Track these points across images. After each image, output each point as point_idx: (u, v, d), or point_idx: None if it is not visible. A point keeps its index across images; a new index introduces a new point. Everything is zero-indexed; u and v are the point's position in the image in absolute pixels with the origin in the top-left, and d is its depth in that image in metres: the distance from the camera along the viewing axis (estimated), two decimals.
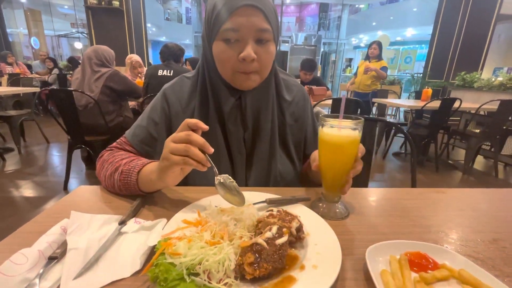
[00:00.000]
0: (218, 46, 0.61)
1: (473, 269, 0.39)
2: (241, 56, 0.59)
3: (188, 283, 0.34)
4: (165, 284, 0.33)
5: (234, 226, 0.46)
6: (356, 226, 0.54)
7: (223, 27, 0.58)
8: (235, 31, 0.58)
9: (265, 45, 0.62)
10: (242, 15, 0.58)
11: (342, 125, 0.52)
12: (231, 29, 0.58)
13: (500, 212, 0.63)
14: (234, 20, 0.58)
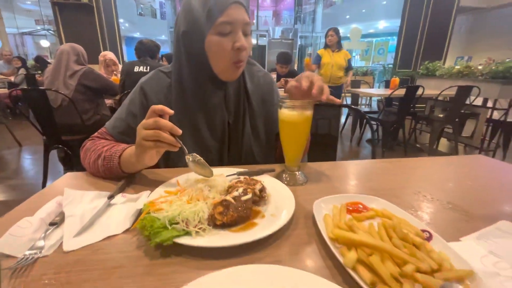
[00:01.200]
0: (214, 39, 0.67)
1: (392, 208, 0.52)
2: (237, 45, 0.68)
3: (170, 229, 0.43)
4: (151, 231, 0.42)
5: (208, 191, 0.55)
6: (313, 189, 0.65)
7: (218, 21, 0.65)
8: (230, 24, 0.66)
9: (248, 37, 0.71)
10: (234, 10, 0.66)
11: (296, 106, 0.62)
12: (227, 22, 0.66)
13: (427, 173, 0.77)
14: (229, 14, 0.66)
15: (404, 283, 0.34)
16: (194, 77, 0.75)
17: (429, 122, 3.55)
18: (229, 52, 0.68)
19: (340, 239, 0.42)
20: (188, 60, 0.73)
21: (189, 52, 0.72)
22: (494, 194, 0.64)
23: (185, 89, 0.76)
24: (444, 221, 0.52)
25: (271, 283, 0.34)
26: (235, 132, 0.81)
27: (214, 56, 0.70)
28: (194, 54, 0.71)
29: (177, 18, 0.74)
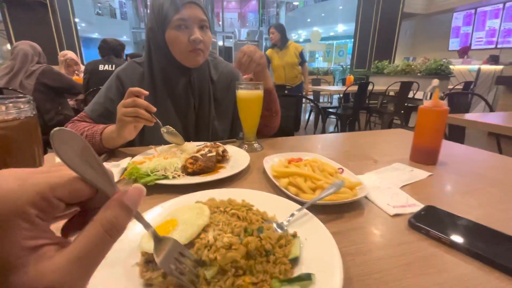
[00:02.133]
0: (172, 33, 0.82)
1: (321, 158, 0.70)
2: (192, 38, 0.82)
3: (151, 176, 0.56)
4: (137, 175, 0.55)
5: (181, 154, 0.69)
6: (266, 154, 0.82)
7: (175, 18, 0.80)
8: (184, 20, 0.81)
9: (205, 31, 0.86)
10: (187, 9, 0.81)
11: (248, 86, 0.78)
12: (181, 19, 0.81)
13: (358, 141, 0.99)
14: (184, 13, 0.81)
15: (316, 191, 0.51)
16: (161, 66, 0.88)
17: (380, 115, 3.98)
18: (186, 43, 0.82)
19: (279, 173, 0.58)
20: (155, 52, 0.87)
21: (155, 45, 0.86)
22: (399, 151, 0.86)
23: (155, 78, 0.89)
24: (358, 165, 0.72)
25: (233, 197, 0.49)
26: (202, 115, 0.95)
27: (174, 47, 0.84)
28: (159, 46, 0.85)
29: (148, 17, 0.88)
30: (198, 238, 0.31)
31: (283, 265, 0.31)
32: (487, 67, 5.67)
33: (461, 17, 7.32)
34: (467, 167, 0.70)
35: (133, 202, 0.21)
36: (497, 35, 6.68)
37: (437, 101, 0.69)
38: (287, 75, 3.57)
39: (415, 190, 0.57)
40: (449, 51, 7.60)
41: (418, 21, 8.27)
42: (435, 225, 0.42)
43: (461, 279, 0.33)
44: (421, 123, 0.72)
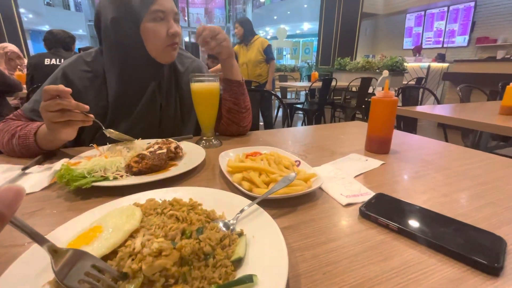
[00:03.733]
0: (149, 26, 0.73)
1: (279, 151, 0.68)
2: (172, 31, 0.75)
3: (89, 178, 0.50)
4: (70, 177, 0.48)
5: (127, 152, 0.62)
6: (225, 149, 0.78)
7: (152, 9, 0.71)
8: (163, 12, 0.73)
9: (178, 25, 0.79)
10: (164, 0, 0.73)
11: (202, 79, 0.74)
12: (160, 11, 0.73)
13: (316, 134, 1.00)
14: (161, 4, 0.72)
15: (270, 184, 0.49)
16: (130, 64, 0.77)
17: (343, 110, 4.16)
18: (164, 37, 0.75)
19: (234, 169, 0.55)
20: (122, 46, 0.76)
21: (122, 39, 0.75)
22: (355, 141, 0.89)
23: (122, 76, 0.78)
24: (315, 157, 0.72)
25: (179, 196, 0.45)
26: (166, 114, 0.87)
27: (150, 41, 0.75)
28: (129, 40, 0.75)
29: (100, 6, 0.76)
30: (123, 246, 0.27)
31: (224, 268, 0.28)
32: (435, 64, 6.22)
33: (413, 18, 7.92)
34: (416, 155, 0.74)
35: (5, 206, 0.16)
36: (443, 35, 7.35)
37: (387, 92, 0.71)
38: (250, 72, 3.45)
39: (368, 179, 0.58)
40: (403, 49, 8.18)
41: (376, 21, 8.78)
42: (383, 213, 0.42)
43: (406, 264, 0.33)
44: (373, 114, 0.74)
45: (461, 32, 6.93)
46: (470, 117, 1.30)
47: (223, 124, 0.91)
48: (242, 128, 0.91)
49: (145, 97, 0.82)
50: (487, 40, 6.43)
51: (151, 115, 0.85)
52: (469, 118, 1.26)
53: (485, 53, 6.38)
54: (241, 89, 0.87)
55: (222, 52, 0.80)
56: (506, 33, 6.18)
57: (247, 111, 0.90)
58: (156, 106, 0.85)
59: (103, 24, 0.76)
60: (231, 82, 0.86)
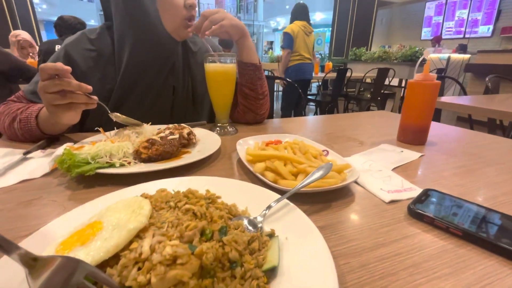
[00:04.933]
0: None
1: (303, 139, 0.61)
2: (189, 2, 0.69)
3: (93, 164, 0.44)
4: (71, 163, 0.42)
5: (136, 137, 0.57)
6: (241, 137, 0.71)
7: None
8: None
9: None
10: None
11: (217, 59, 0.67)
12: None
13: (340, 123, 0.92)
14: None
15: (298, 176, 0.42)
16: (145, 39, 0.70)
17: (358, 102, 4.01)
18: (182, 9, 0.68)
19: (254, 158, 0.49)
20: (137, 21, 0.68)
21: (135, 12, 0.67)
22: (384, 131, 0.80)
23: (134, 54, 0.70)
24: (343, 147, 0.64)
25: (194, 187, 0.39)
26: (179, 98, 0.81)
27: (167, 13, 0.68)
28: (144, 13, 0.67)
29: None
30: (127, 250, 0.21)
31: (255, 281, 0.22)
32: (456, 56, 5.90)
33: (433, 6, 7.52)
34: (457, 147, 0.65)
35: None
36: (465, 25, 6.96)
37: (427, 74, 0.62)
38: None
39: (408, 172, 0.51)
40: (421, 40, 7.82)
41: (393, 10, 8.40)
42: (439, 212, 0.35)
43: (483, 279, 0.26)
44: (410, 99, 0.65)
45: (485, 21, 6.53)
46: (508, 108, 1.19)
47: (238, 111, 0.84)
48: (259, 116, 0.84)
49: (159, 78, 0.75)
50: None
51: (163, 99, 0.78)
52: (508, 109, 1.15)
53: (511, 43, 6.02)
54: (257, 73, 0.79)
55: (230, 33, 0.72)
56: None
57: (264, 98, 0.83)
58: (169, 89, 0.78)
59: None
60: (245, 65, 0.78)
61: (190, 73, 0.83)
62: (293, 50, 3.07)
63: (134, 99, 0.75)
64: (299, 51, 3.08)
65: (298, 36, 3.02)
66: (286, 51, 3.08)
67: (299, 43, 3.05)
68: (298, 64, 3.14)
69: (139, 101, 0.76)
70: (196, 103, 0.85)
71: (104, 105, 0.59)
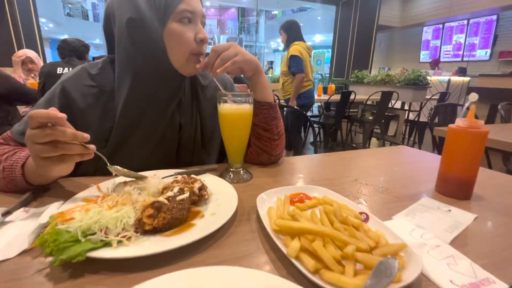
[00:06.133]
0: (175, 28, 0.60)
1: (333, 195, 0.53)
2: (201, 36, 0.62)
3: (83, 242, 0.35)
4: (55, 246, 0.33)
5: (139, 194, 0.48)
6: (257, 185, 0.63)
7: (179, 8, 0.59)
8: (191, 12, 0.60)
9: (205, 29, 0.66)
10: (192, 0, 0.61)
11: (233, 99, 0.60)
12: (188, 10, 0.60)
13: (362, 163, 0.83)
14: (188, 2, 0.60)
15: (346, 265, 0.33)
16: (148, 73, 0.63)
17: (361, 124, 3.97)
18: (192, 43, 0.62)
19: (283, 230, 0.40)
20: (139, 53, 0.61)
21: (140, 44, 0.61)
22: (415, 177, 0.72)
23: (135, 89, 0.63)
24: (378, 203, 0.55)
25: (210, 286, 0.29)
26: (186, 135, 0.72)
27: (174, 47, 0.61)
28: (148, 45, 0.61)
29: (112, 6, 0.63)
30: None
31: None
32: (456, 78, 5.98)
33: (431, 31, 7.73)
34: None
35: None
36: (462, 48, 7.12)
37: (473, 120, 0.55)
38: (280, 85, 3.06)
39: (471, 247, 0.41)
40: (420, 62, 7.97)
41: (392, 33, 8.64)
42: None
43: None
44: (452, 147, 0.57)
45: (482, 45, 6.69)
46: None
47: (251, 152, 0.75)
48: (274, 157, 0.76)
49: (164, 116, 0.68)
50: (511, 54, 6.17)
51: (168, 139, 0.70)
52: None
53: (509, 67, 6.11)
54: (272, 113, 0.72)
55: (244, 69, 0.66)
56: None
57: (280, 138, 0.75)
58: (175, 127, 0.71)
59: (117, 26, 0.62)
60: (260, 104, 0.70)
61: (199, 109, 0.76)
62: None
63: (136, 139, 0.67)
64: (308, 75, 2.84)
65: (306, 59, 2.78)
66: (300, 76, 2.70)
67: (308, 67, 2.81)
68: (308, 91, 2.89)
69: (142, 141, 0.67)
70: (204, 141, 0.77)
71: (102, 155, 0.50)
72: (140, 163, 0.68)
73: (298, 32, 2.83)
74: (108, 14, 0.65)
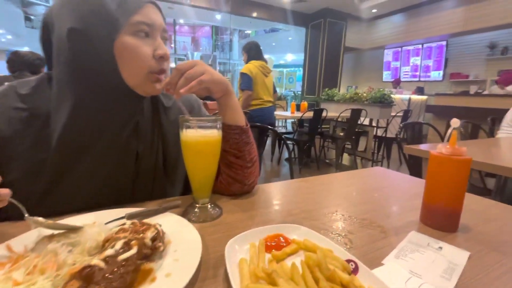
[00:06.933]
0: (128, 41, 0.51)
1: (314, 236, 0.45)
2: (160, 52, 0.54)
3: None
4: None
5: (68, 253, 0.36)
6: (228, 224, 0.54)
7: (133, 19, 0.51)
8: (149, 25, 0.53)
9: (167, 45, 0.58)
10: (151, 10, 0.54)
11: (198, 124, 0.51)
12: (145, 23, 0.52)
13: (339, 189, 0.78)
14: (146, 14, 0.52)
15: None
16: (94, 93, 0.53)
17: (333, 140, 4.06)
18: (149, 59, 0.53)
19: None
20: (83, 69, 0.51)
21: (84, 58, 0.51)
22: (397, 204, 0.68)
23: (78, 112, 0.52)
24: (364, 241, 0.49)
25: None
26: (145, 165, 0.62)
27: (128, 63, 0.52)
28: (94, 60, 0.51)
29: (51, 14, 0.53)
30: None
31: None
32: (415, 97, 6.48)
33: (391, 53, 8.40)
34: (501, 233, 0.53)
35: None
36: (419, 70, 7.79)
37: (454, 148, 0.52)
38: None
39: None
40: (383, 81, 8.56)
41: (357, 54, 9.25)
42: None
43: None
44: (435, 176, 0.54)
45: (435, 67, 7.38)
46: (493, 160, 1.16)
47: (221, 182, 0.67)
48: (247, 186, 0.68)
49: (116, 143, 0.57)
50: (460, 75, 6.86)
51: (124, 170, 0.60)
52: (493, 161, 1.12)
53: (459, 87, 6.77)
54: (244, 137, 0.64)
55: (211, 89, 0.59)
56: (476, 70, 6.64)
57: (253, 165, 0.67)
58: (131, 156, 0.60)
59: (56, 38, 0.52)
60: (230, 128, 0.63)
61: (161, 134, 0.66)
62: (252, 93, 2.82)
63: (80, 171, 0.55)
64: (259, 94, 2.86)
65: (257, 77, 2.80)
66: (246, 93, 2.76)
67: (259, 86, 2.83)
68: (259, 109, 2.87)
69: (87, 173, 0.56)
70: (168, 171, 0.67)
71: (18, 204, 0.39)
72: (85, 201, 0.56)
73: (257, 52, 2.92)
74: (47, 23, 0.54)
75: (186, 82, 0.53)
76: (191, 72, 0.54)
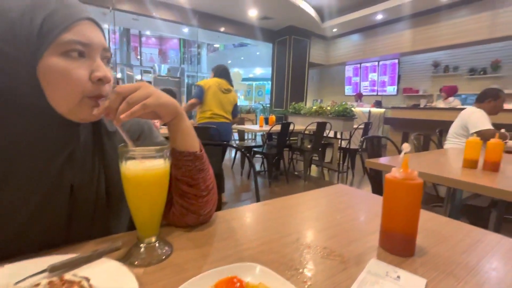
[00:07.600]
0: (56, 63, 0.44)
1: (272, 278, 0.41)
2: (99, 75, 0.47)
3: None
4: None
5: None
6: (177, 265, 0.48)
7: (63, 38, 0.44)
8: (84, 44, 0.46)
9: (108, 67, 0.51)
10: (87, 28, 0.47)
11: (142, 155, 0.46)
12: (78, 42, 0.45)
13: (301, 212, 0.76)
14: (79, 32, 0.45)
15: None
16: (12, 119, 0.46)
17: (301, 152, 4.15)
18: (84, 82, 0.47)
19: None
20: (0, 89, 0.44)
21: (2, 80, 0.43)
22: (358, 227, 0.67)
23: None
24: (324, 276, 0.46)
25: None
26: (83, 198, 0.55)
27: (56, 88, 0.45)
28: (10, 83, 0.44)
29: None
30: None
31: None
32: (375, 110, 6.96)
33: (351, 69, 9.01)
34: (459, 255, 0.54)
35: None
36: (377, 85, 8.44)
37: (407, 172, 0.52)
38: None
39: None
40: (345, 95, 9.11)
41: (321, 70, 9.77)
42: None
43: None
44: (391, 201, 0.54)
45: (390, 82, 8.06)
46: (441, 172, 1.25)
47: (174, 213, 0.60)
48: (203, 216, 0.62)
49: (46, 176, 0.49)
50: (411, 90, 7.57)
51: (55, 205, 0.51)
52: (440, 173, 1.20)
53: (411, 101, 7.45)
54: (198, 164, 0.59)
55: (159, 113, 0.53)
56: (424, 86, 7.39)
57: (209, 193, 0.62)
58: (63, 189, 0.52)
59: None
60: (182, 155, 0.57)
61: (104, 161, 0.59)
62: (202, 104, 2.85)
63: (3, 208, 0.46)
64: (210, 106, 2.86)
65: (210, 91, 2.84)
66: (192, 100, 2.85)
67: (211, 98, 2.84)
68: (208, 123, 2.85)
69: (8, 211, 0.47)
70: (112, 203, 0.59)
71: None
72: (4, 245, 0.47)
73: (223, 74, 3.00)
74: None
75: (129, 107, 0.48)
76: (133, 96, 0.48)
